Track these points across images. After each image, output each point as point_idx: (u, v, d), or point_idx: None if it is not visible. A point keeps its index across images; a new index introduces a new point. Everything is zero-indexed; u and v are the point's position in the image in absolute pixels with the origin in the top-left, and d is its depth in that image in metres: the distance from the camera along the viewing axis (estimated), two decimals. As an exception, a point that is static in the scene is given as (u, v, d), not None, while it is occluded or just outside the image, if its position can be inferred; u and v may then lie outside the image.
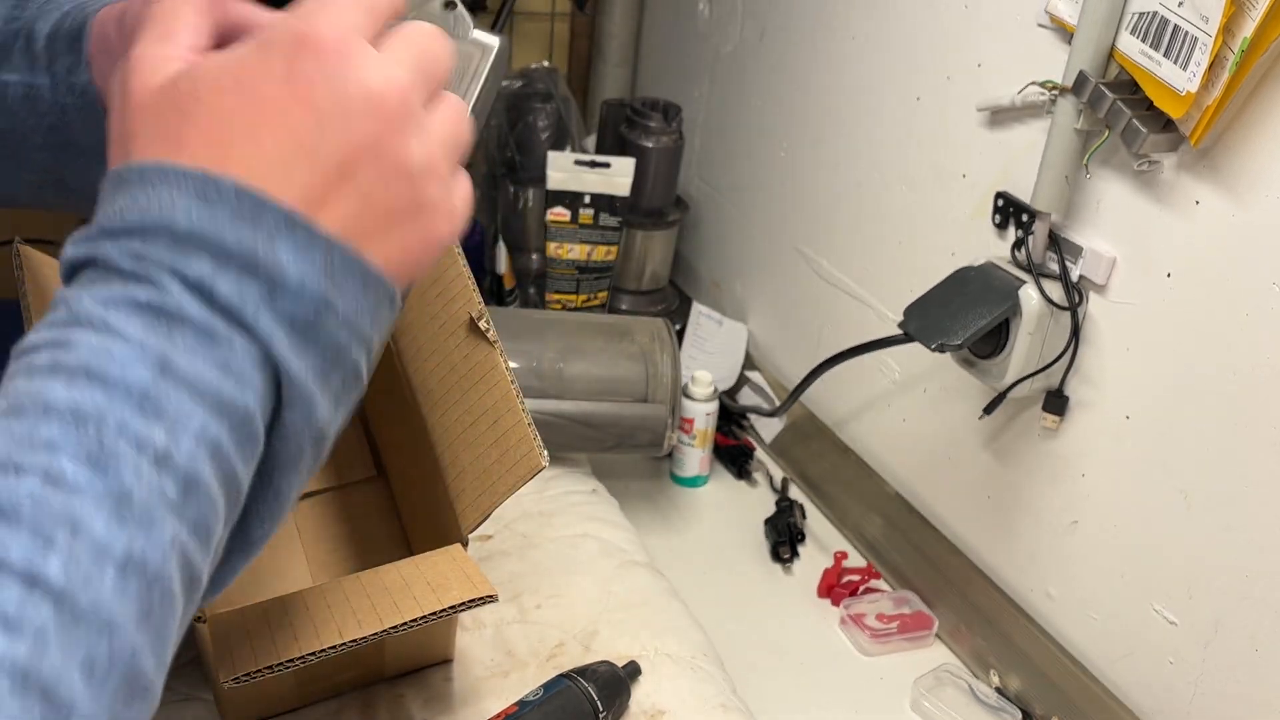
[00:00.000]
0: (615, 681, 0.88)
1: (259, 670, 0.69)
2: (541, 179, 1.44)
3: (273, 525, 0.43)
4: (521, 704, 0.85)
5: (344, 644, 0.71)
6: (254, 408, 0.39)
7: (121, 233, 0.39)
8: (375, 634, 0.72)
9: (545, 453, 0.80)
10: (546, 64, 1.65)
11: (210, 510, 0.38)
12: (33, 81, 0.60)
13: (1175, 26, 0.82)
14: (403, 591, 0.76)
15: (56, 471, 0.34)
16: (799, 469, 1.39)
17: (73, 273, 0.40)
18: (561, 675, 0.87)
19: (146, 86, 0.42)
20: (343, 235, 0.41)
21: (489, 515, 0.81)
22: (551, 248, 1.46)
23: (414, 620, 0.73)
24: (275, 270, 0.39)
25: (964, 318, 0.97)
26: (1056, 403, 1.00)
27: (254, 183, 0.39)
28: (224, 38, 0.46)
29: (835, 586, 1.21)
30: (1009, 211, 1.01)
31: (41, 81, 0.59)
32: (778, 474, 1.40)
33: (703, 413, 1.32)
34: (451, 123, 0.45)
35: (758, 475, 1.40)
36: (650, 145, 1.49)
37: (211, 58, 0.42)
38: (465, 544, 0.82)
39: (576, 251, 1.46)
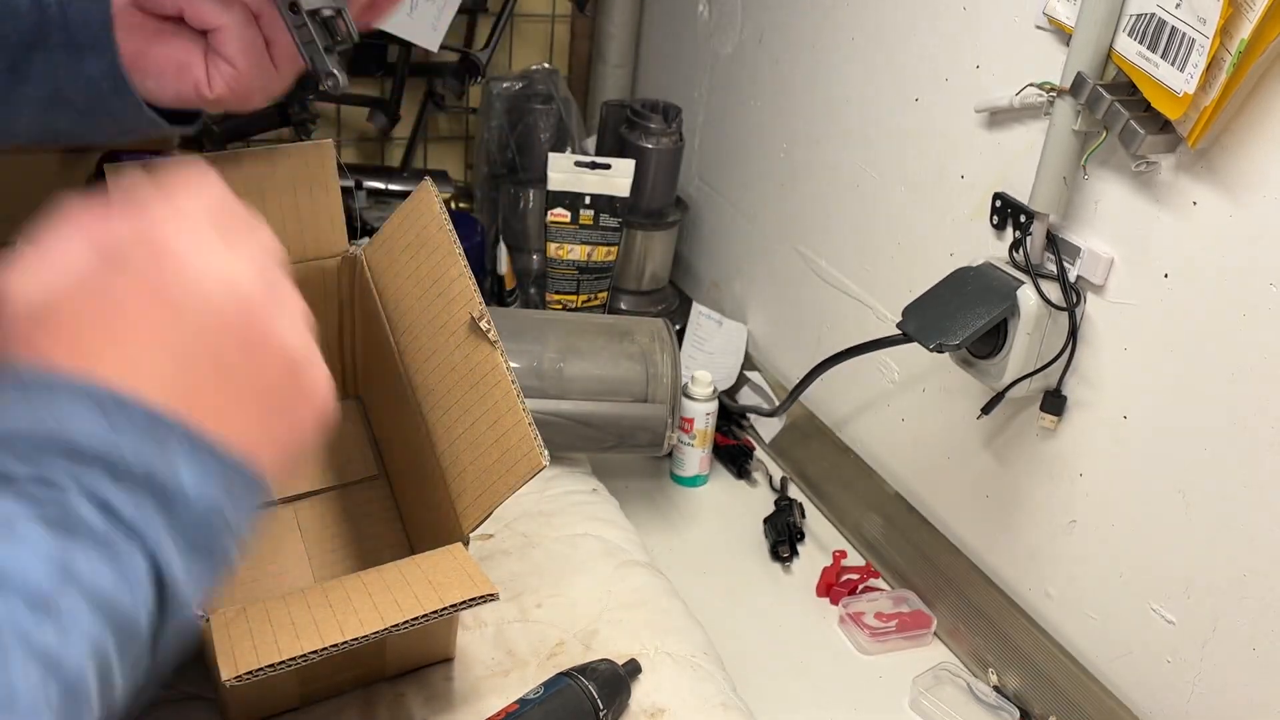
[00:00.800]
0: (615, 680, 0.88)
1: (261, 669, 0.70)
2: (542, 180, 1.45)
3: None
4: (522, 702, 0.85)
5: (346, 642, 0.71)
6: (143, 617, 0.39)
7: (24, 445, 0.37)
8: (377, 632, 0.72)
9: (546, 452, 0.80)
10: (547, 65, 1.66)
11: (87, 715, 0.37)
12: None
13: (1173, 28, 0.83)
14: (404, 590, 0.76)
15: None
16: (798, 468, 1.40)
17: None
18: (562, 674, 0.88)
19: (18, 303, 0.41)
20: (227, 432, 0.41)
21: (490, 514, 0.82)
22: (552, 248, 1.46)
23: (415, 619, 0.74)
24: (174, 488, 0.39)
25: (962, 318, 0.97)
26: (1055, 403, 1.01)
27: (124, 382, 0.39)
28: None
29: (834, 585, 1.21)
30: (1007, 212, 1.02)
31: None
32: (777, 473, 1.40)
33: (702, 412, 1.33)
34: (301, 302, 0.45)
35: (757, 475, 1.40)
36: (650, 146, 1.49)
37: (69, 274, 0.41)
38: (466, 543, 0.83)
39: (577, 252, 1.47)
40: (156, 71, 0.71)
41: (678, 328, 1.50)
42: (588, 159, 1.43)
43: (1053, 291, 0.97)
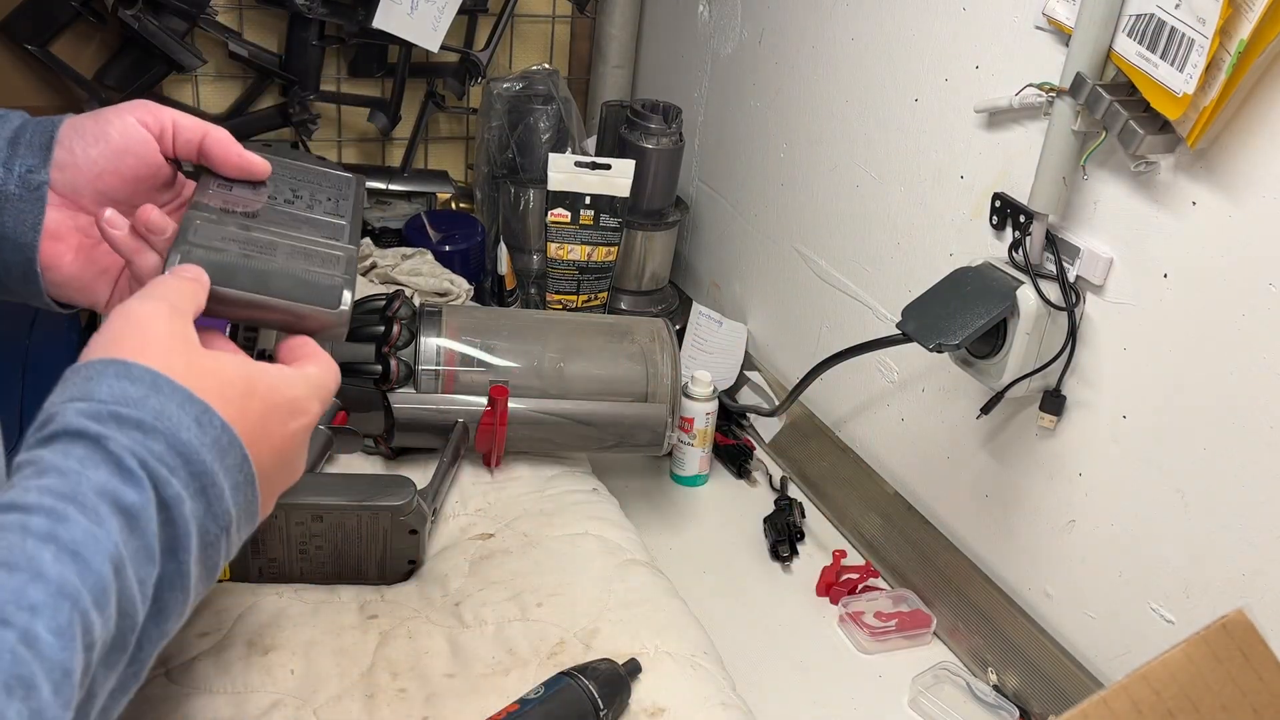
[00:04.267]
0: (616, 679, 0.88)
1: None
2: (542, 180, 1.45)
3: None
4: (522, 702, 0.85)
5: None
6: (140, 622, 0.49)
7: (132, 425, 0.50)
8: None
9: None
10: (547, 66, 1.66)
11: (115, 683, 0.49)
12: None
13: (1172, 29, 0.83)
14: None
15: (33, 635, 0.43)
16: (798, 468, 1.40)
17: (67, 434, 0.49)
18: (562, 673, 0.88)
19: (158, 325, 0.54)
20: (257, 472, 0.55)
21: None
22: (552, 248, 1.46)
23: None
24: (220, 500, 0.52)
25: (962, 318, 0.97)
26: (1054, 402, 1.01)
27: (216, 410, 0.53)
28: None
29: (834, 585, 1.21)
30: (1006, 212, 1.02)
31: None
32: (777, 473, 1.40)
33: (702, 412, 1.33)
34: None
35: (757, 474, 1.40)
36: (650, 147, 1.49)
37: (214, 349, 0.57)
38: None
39: (577, 252, 1.47)
40: (73, 284, 0.70)
41: (678, 328, 1.50)
42: (588, 159, 1.43)
43: (1052, 291, 0.97)
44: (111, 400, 0.50)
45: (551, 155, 1.43)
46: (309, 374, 0.61)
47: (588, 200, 1.43)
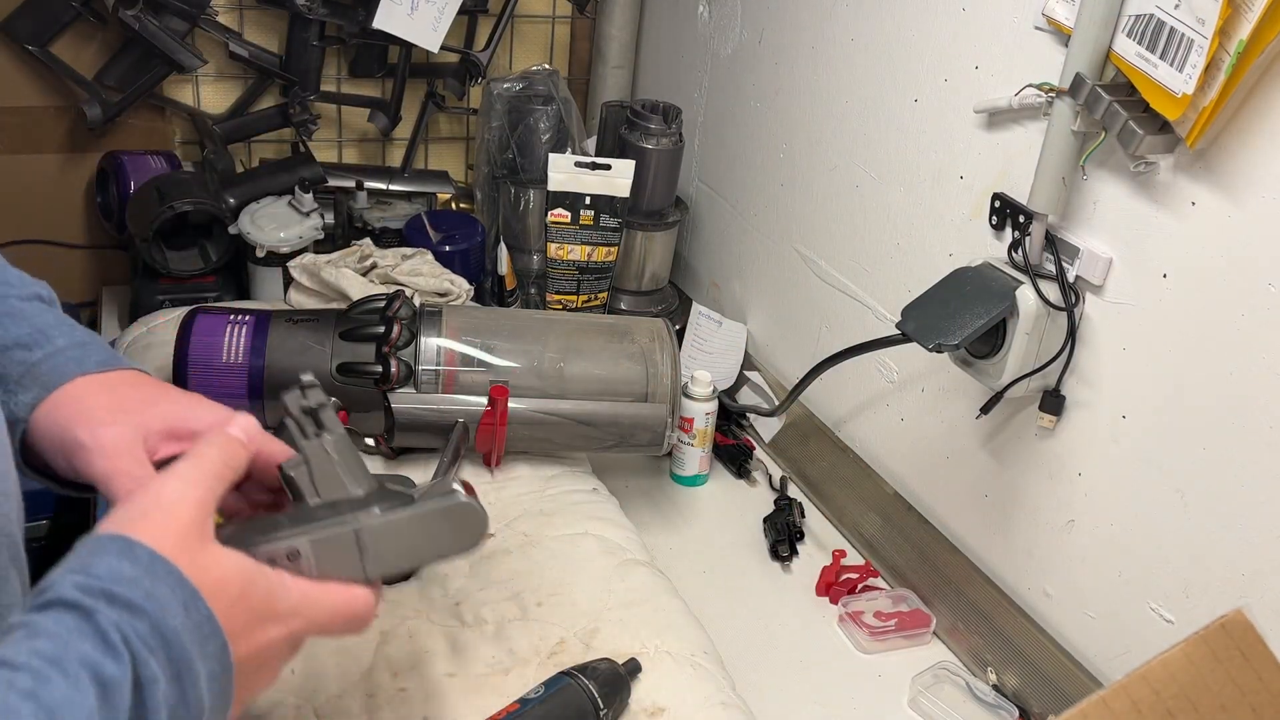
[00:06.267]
0: (616, 679, 0.89)
1: None
2: (542, 180, 1.45)
3: None
4: (523, 701, 0.85)
5: None
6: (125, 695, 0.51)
7: (122, 604, 0.52)
8: None
9: None
10: (547, 66, 1.66)
11: None
12: None
13: (1171, 29, 0.83)
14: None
15: None
16: (798, 468, 1.40)
17: (61, 604, 0.51)
18: (562, 673, 0.88)
19: (180, 514, 0.57)
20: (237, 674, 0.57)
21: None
22: (552, 248, 1.46)
23: None
24: (194, 687, 0.53)
25: (961, 318, 0.97)
26: (1053, 402, 1.01)
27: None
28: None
29: (834, 584, 1.21)
30: (1006, 212, 1.02)
31: None
32: (777, 473, 1.40)
33: (702, 412, 1.33)
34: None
35: (757, 474, 1.40)
36: (650, 147, 1.49)
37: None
38: None
39: (577, 252, 1.47)
40: (59, 453, 0.70)
41: (678, 328, 1.50)
42: (588, 159, 1.43)
43: (1051, 292, 0.97)
44: (107, 578, 0.52)
45: (551, 155, 1.43)
46: (306, 591, 0.62)
47: (588, 200, 1.43)
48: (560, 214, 1.44)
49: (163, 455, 0.68)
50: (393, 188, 1.68)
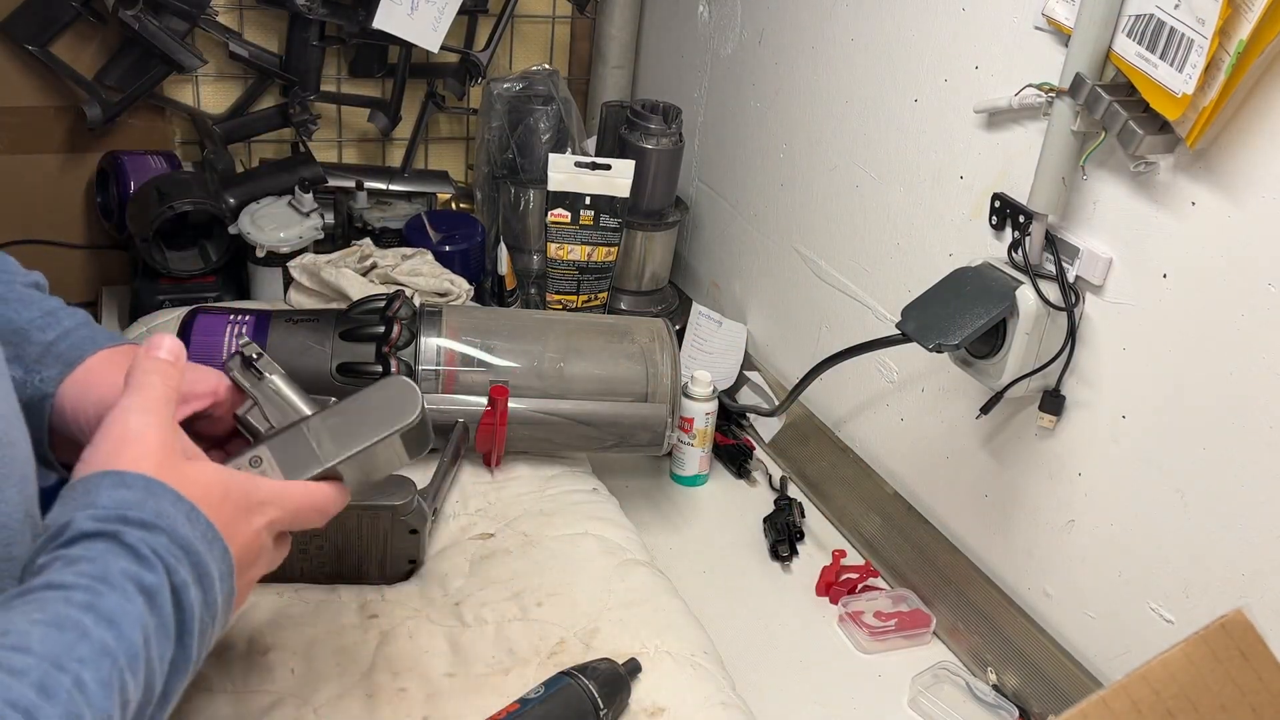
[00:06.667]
0: (616, 679, 0.89)
1: None
2: (542, 180, 1.45)
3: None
4: (523, 701, 0.85)
5: None
6: (155, 698, 0.56)
7: (138, 524, 0.57)
8: None
9: None
10: (547, 66, 1.66)
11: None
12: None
13: (1171, 29, 0.83)
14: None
15: (83, 682, 0.50)
16: (798, 468, 1.40)
17: (85, 536, 0.56)
18: (562, 673, 0.88)
19: (150, 437, 0.62)
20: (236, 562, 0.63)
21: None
22: (552, 248, 1.46)
23: None
24: (211, 589, 0.60)
25: (961, 318, 0.97)
26: (1053, 402, 1.01)
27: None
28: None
29: (834, 584, 1.21)
30: (1006, 212, 1.02)
31: (14, 373, 0.72)
32: (777, 473, 1.40)
33: (702, 412, 1.33)
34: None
35: (757, 474, 1.40)
36: (650, 147, 1.49)
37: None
38: None
39: (577, 252, 1.47)
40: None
41: (678, 328, 1.50)
42: (588, 160, 1.43)
43: (1051, 292, 0.97)
44: (114, 506, 0.57)
45: (551, 155, 1.43)
46: (275, 484, 0.69)
47: (588, 200, 1.43)
48: (560, 214, 1.44)
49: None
50: (393, 188, 1.68)
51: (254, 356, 0.77)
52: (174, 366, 0.67)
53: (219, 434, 0.80)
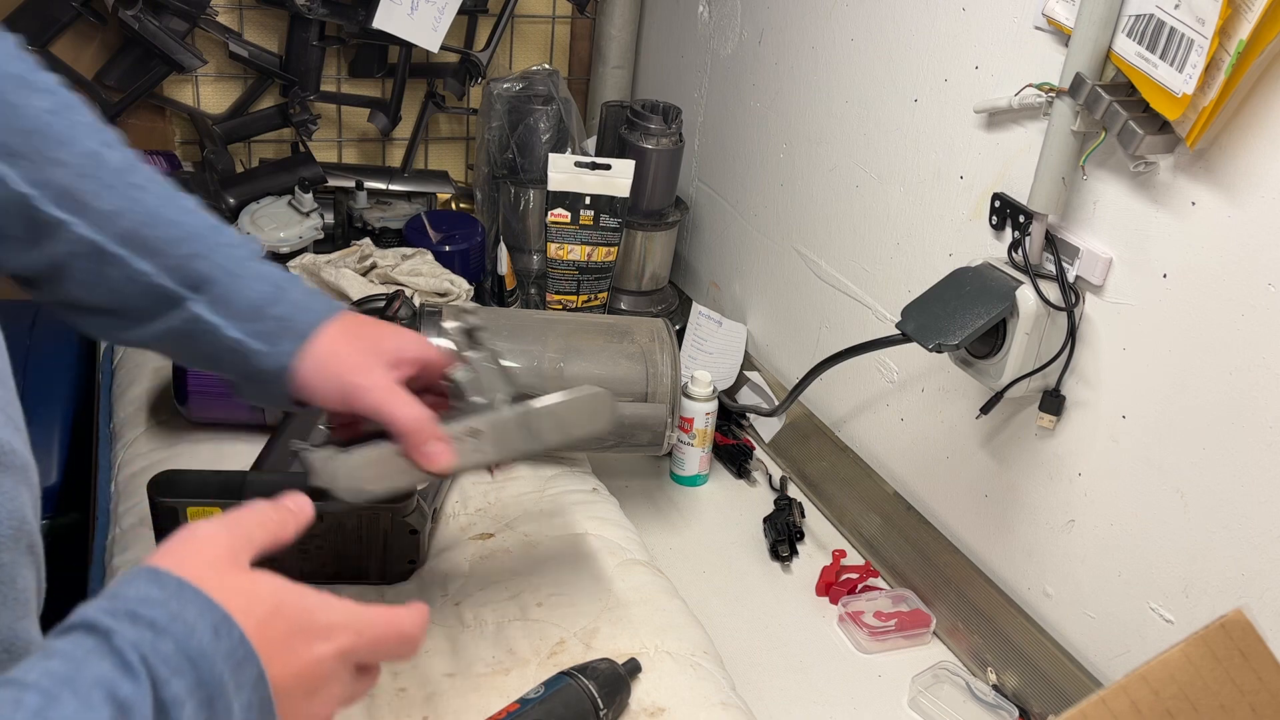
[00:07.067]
0: (616, 679, 0.89)
1: None
2: (542, 180, 1.45)
3: None
4: (523, 701, 0.85)
5: None
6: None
7: (145, 624, 0.51)
8: None
9: None
10: (547, 66, 1.66)
11: None
12: (213, 322, 0.76)
13: (1171, 29, 0.83)
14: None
15: None
16: (798, 468, 1.40)
17: (80, 628, 0.50)
18: (562, 673, 0.88)
19: (211, 548, 0.56)
20: (277, 696, 0.54)
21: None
22: (552, 248, 1.46)
23: None
24: (228, 715, 0.51)
25: (961, 318, 0.97)
26: (1053, 402, 1.01)
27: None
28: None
29: (833, 584, 1.21)
30: (1006, 212, 1.02)
31: (232, 333, 0.77)
32: (776, 473, 1.40)
33: (702, 412, 1.33)
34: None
35: (757, 474, 1.40)
36: (650, 147, 1.49)
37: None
38: None
39: (577, 252, 1.47)
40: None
41: (678, 328, 1.50)
42: (588, 159, 1.43)
43: (1051, 292, 0.97)
44: (132, 600, 0.52)
45: (551, 155, 1.43)
46: (352, 606, 0.59)
47: (588, 200, 1.43)
48: (560, 214, 1.44)
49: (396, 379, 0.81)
50: (393, 188, 1.68)
51: (474, 328, 0.86)
52: (290, 513, 0.64)
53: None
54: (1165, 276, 0.91)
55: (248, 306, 0.77)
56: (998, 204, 1.03)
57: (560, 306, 1.50)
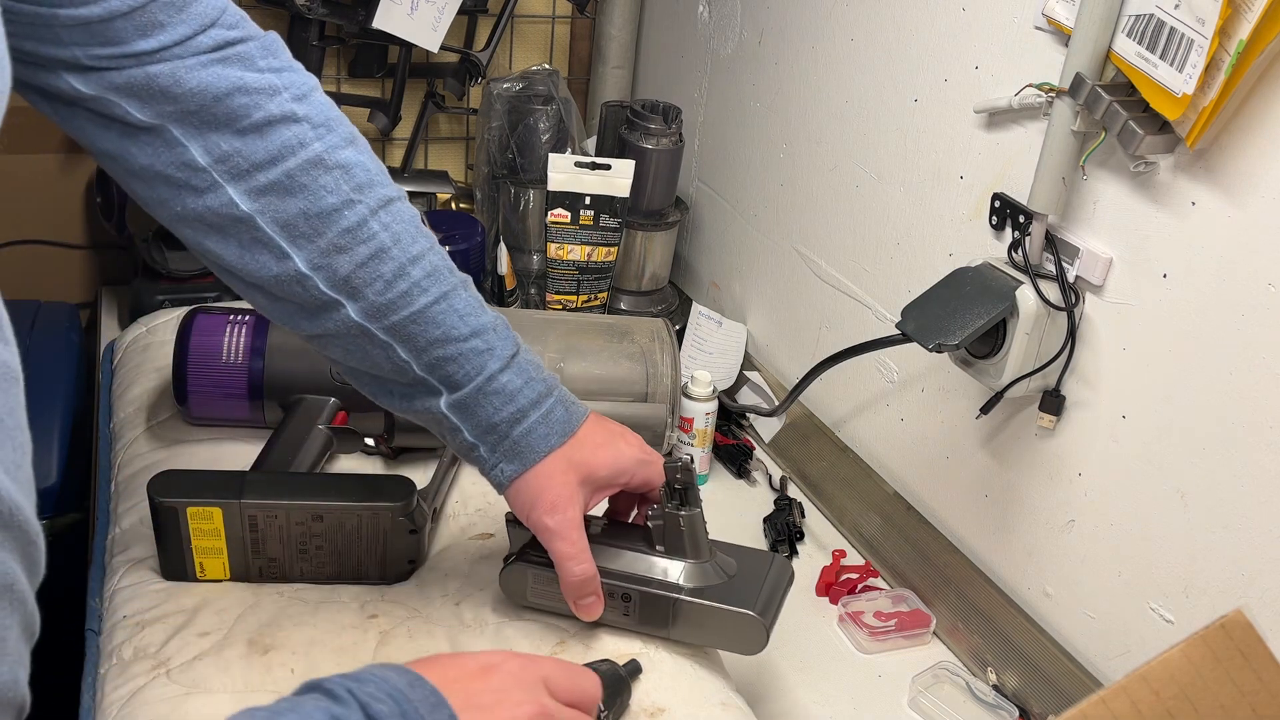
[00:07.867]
0: (616, 680, 0.88)
1: None
2: (542, 180, 1.45)
3: None
4: (523, 701, 0.85)
5: None
6: None
7: (349, 677, 0.59)
8: None
9: None
10: (547, 66, 1.66)
11: None
12: (395, 360, 0.83)
13: (1171, 29, 0.83)
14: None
15: None
16: (798, 468, 1.40)
17: (308, 690, 0.60)
18: (562, 673, 0.88)
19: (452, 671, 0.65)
20: None
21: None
22: (552, 248, 1.46)
23: None
24: None
25: (961, 318, 0.97)
26: (1053, 402, 1.01)
27: None
28: None
29: (834, 584, 1.21)
30: (1006, 212, 1.02)
31: (469, 438, 0.85)
32: (776, 473, 1.40)
33: (702, 412, 1.33)
34: None
35: (757, 474, 1.40)
36: (650, 147, 1.49)
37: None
38: None
39: (577, 252, 1.47)
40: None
41: (678, 328, 1.50)
42: (588, 159, 1.43)
43: (1051, 292, 0.97)
44: (368, 679, 0.60)
45: (551, 155, 1.43)
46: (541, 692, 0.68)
47: (588, 200, 1.43)
48: (560, 214, 1.44)
49: (592, 505, 0.88)
50: (393, 188, 1.67)
51: (686, 487, 0.87)
52: (588, 680, 0.75)
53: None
54: (1165, 276, 0.91)
55: (487, 423, 0.84)
56: (998, 204, 1.03)
57: (560, 306, 1.50)
